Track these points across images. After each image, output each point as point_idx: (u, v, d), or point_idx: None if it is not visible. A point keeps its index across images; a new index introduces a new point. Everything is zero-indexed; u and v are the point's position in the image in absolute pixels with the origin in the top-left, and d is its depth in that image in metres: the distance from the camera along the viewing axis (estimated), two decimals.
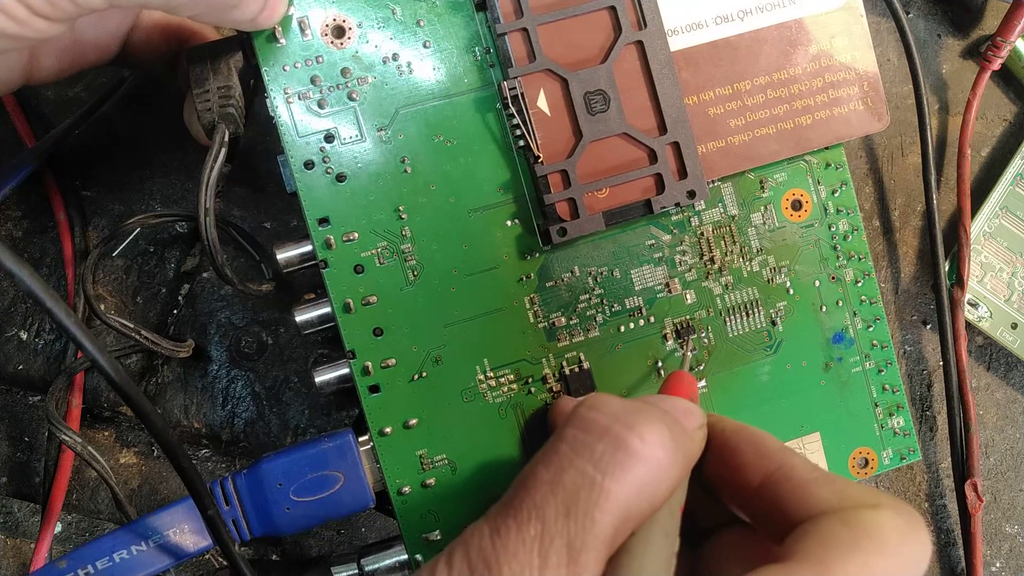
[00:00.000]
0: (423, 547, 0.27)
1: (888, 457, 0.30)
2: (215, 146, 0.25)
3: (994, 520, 0.35)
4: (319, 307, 0.27)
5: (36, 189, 0.31)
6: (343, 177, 0.26)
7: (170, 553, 0.25)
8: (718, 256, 0.28)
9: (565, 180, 0.26)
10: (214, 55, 0.26)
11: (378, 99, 0.26)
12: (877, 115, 0.29)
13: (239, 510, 0.26)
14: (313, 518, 0.26)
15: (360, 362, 0.26)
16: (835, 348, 0.29)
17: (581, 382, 0.27)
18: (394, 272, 0.26)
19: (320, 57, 0.26)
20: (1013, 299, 0.33)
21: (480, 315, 0.27)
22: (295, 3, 0.26)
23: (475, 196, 0.27)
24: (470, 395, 0.27)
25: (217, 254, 0.25)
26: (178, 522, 0.25)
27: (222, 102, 0.25)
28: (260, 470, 0.26)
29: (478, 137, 0.27)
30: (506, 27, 0.26)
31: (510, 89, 0.26)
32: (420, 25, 0.26)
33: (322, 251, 0.26)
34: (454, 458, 0.27)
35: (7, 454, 0.32)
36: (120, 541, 0.24)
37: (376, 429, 0.26)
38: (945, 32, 0.35)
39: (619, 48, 0.26)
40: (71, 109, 0.31)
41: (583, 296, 0.28)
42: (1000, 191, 0.33)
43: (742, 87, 0.28)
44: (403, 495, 0.27)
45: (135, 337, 0.27)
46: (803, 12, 0.28)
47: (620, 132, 0.27)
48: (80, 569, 0.23)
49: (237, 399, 0.32)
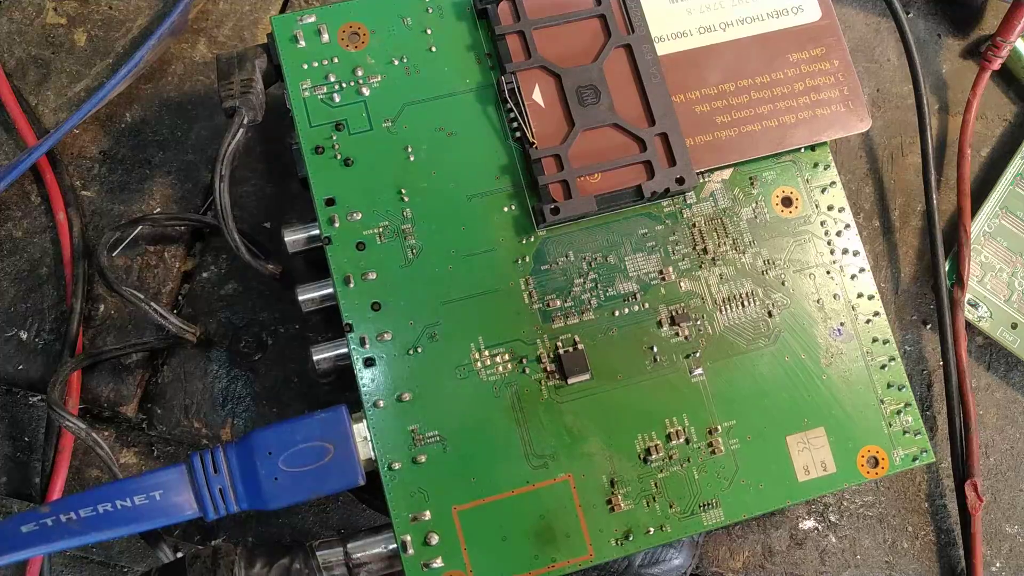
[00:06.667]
0: (411, 527, 0.26)
1: (899, 457, 0.29)
2: (234, 125, 0.27)
3: (994, 520, 0.33)
4: (322, 287, 0.28)
5: (36, 189, 0.33)
6: (350, 161, 0.28)
7: (155, 514, 0.25)
8: (711, 247, 0.29)
9: (558, 164, 0.28)
10: (240, 57, 0.29)
11: (387, 95, 0.29)
12: (859, 117, 0.30)
13: (227, 479, 0.26)
14: (301, 491, 0.26)
15: (357, 334, 0.27)
16: (835, 342, 0.29)
17: (575, 362, 0.27)
18: (394, 250, 0.28)
19: (335, 57, 0.29)
20: (1013, 299, 0.32)
21: (476, 295, 0.28)
22: (317, 11, 0.29)
23: (474, 183, 0.28)
24: (464, 372, 0.27)
25: (228, 219, 0.26)
26: (167, 485, 0.25)
27: (243, 90, 0.28)
28: (251, 439, 0.26)
29: (478, 129, 0.29)
30: (504, 29, 0.28)
31: (507, 83, 0.28)
32: (427, 32, 0.29)
33: (327, 228, 0.27)
34: (446, 435, 0.27)
35: (7, 454, 0.32)
36: (106, 494, 0.24)
37: (370, 402, 0.27)
38: (945, 32, 0.36)
39: (609, 50, 0.29)
40: (71, 109, 0.33)
41: (577, 280, 0.28)
42: (1000, 191, 0.34)
43: (727, 88, 0.29)
44: (393, 471, 0.26)
45: (145, 307, 0.28)
46: (782, 25, 0.30)
47: (611, 123, 0.28)
48: (63, 515, 0.23)
49: (237, 399, 0.32)
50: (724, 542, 0.32)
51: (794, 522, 0.33)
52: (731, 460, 0.28)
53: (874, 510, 0.33)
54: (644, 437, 0.27)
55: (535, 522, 0.26)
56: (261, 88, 0.29)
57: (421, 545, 0.26)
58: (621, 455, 0.27)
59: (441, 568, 0.26)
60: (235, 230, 0.27)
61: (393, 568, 0.27)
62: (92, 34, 0.35)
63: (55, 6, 0.35)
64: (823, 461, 0.28)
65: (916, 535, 0.33)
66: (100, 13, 0.35)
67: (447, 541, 0.26)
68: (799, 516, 0.33)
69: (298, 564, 0.26)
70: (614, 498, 0.27)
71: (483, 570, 0.26)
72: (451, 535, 0.26)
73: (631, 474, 0.27)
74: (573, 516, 0.27)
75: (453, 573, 0.26)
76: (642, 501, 0.27)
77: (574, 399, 0.27)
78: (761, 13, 0.30)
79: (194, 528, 0.32)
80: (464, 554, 0.26)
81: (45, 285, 0.33)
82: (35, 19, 0.35)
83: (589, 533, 0.27)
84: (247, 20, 0.35)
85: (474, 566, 0.26)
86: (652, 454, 0.27)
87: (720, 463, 0.28)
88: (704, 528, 0.27)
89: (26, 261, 0.33)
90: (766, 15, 0.30)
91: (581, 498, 0.27)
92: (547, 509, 0.27)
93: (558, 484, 0.27)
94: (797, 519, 0.33)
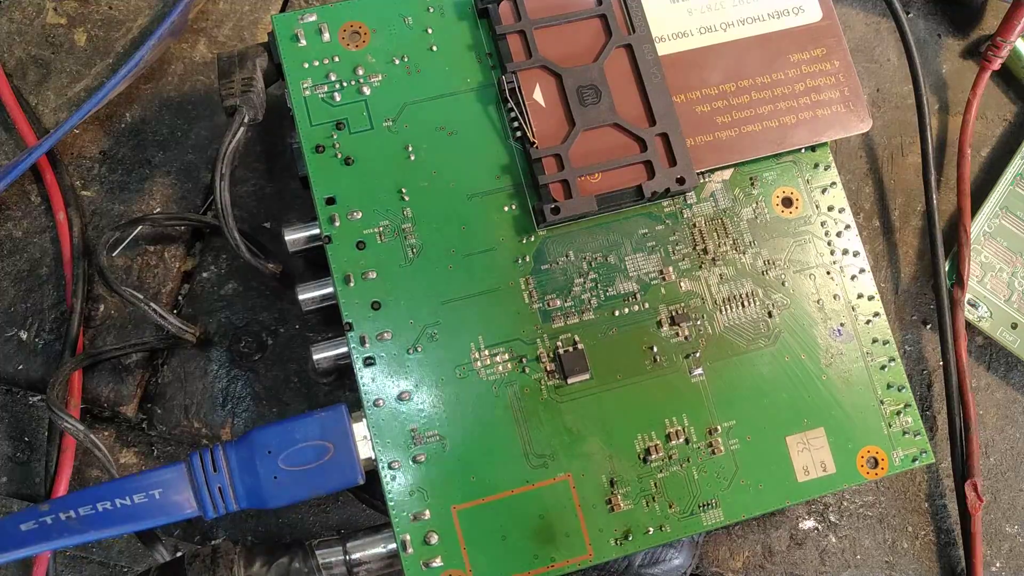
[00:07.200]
0: (411, 527, 0.26)
1: (899, 458, 0.29)
2: (235, 124, 0.27)
3: (994, 520, 0.33)
4: (322, 286, 0.28)
5: (36, 189, 0.33)
6: (351, 161, 0.28)
7: (154, 512, 0.25)
8: (711, 247, 0.29)
9: (559, 163, 0.28)
10: (241, 55, 0.29)
11: (387, 94, 0.28)
12: (859, 117, 0.30)
13: (226, 477, 0.26)
14: (301, 490, 0.26)
15: (357, 333, 0.27)
16: (834, 343, 0.29)
17: (575, 362, 0.27)
18: (394, 249, 0.28)
19: (336, 56, 0.29)
20: (1013, 299, 0.32)
21: (476, 294, 0.28)
22: (318, 10, 0.29)
23: (474, 182, 0.28)
24: (464, 371, 0.27)
25: (228, 218, 0.26)
26: (166, 484, 0.25)
27: (244, 88, 0.28)
28: (251, 438, 0.26)
29: (479, 129, 0.29)
30: (505, 29, 0.28)
31: (508, 83, 0.28)
32: (428, 32, 0.29)
33: (327, 227, 0.27)
34: (446, 435, 0.27)
35: (7, 454, 0.32)
36: (106, 492, 0.24)
37: (370, 401, 0.27)
38: (945, 32, 0.36)
39: (610, 50, 0.29)
40: (71, 109, 0.33)
41: (577, 280, 0.28)
42: (1000, 191, 0.34)
43: (727, 88, 0.29)
44: (393, 470, 0.26)
45: (144, 308, 0.28)
46: (783, 25, 0.30)
47: (611, 123, 0.28)
48: (62, 513, 0.23)
49: (237, 399, 0.32)
50: (724, 542, 0.32)
51: (794, 522, 0.33)
52: (731, 460, 0.28)
53: (874, 510, 0.33)
54: (644, 437, 0.27)
55: (535, 522, 0.26)
56: (262, 87, 0.29)
57: (420, 544, 0.26)
58: (621, 455, 0.27)
59: (440, 567, 0.26)
60: (235, 229, 0.27)
61: (392, 568, 0.27)
62: (92, 34, 0.35)
63: (55, 6, 0.35)
64: (823, 461, 0.28)
65: (916, 535, 0.33)
66: (100, 13, 0.35)
67: (446, 540, 0.26)
68: (799, 516, 0.33)
69: (297, 563, 0.26)
70: (614, 498, 0.27)
71: (482, 570, 0.26)
72: (450, 535, 0.26)
73: (631, 474, 0.27)
74: (573, 516, 0.27)
75: (452, 572, 0.26)
76: (642, 501, 0.27)
77: (574, 399, 0.27)
78: (762, 13, 0.30)
79: (194, 527, 0.32)
80: (464, 554, 0.26)
81: (45, 285, 0.33)
82: (35, 19, 0.35)
83: (589, 533, 0.27)
84: (247, 20, 0.35)
85: (473, 566, 0.26)
86: (652, 454, 0.27)
87: (720, 463, 0.28)
88: (704, 528, 0.27)
89: (26, 261, 0.33)
90: (767, 15, 0.30)
91: (581, 498, 0.27)
92: (547, 509, 0.27)
93: (558, 484, 0.27)
94: (797, 519, 0.33)
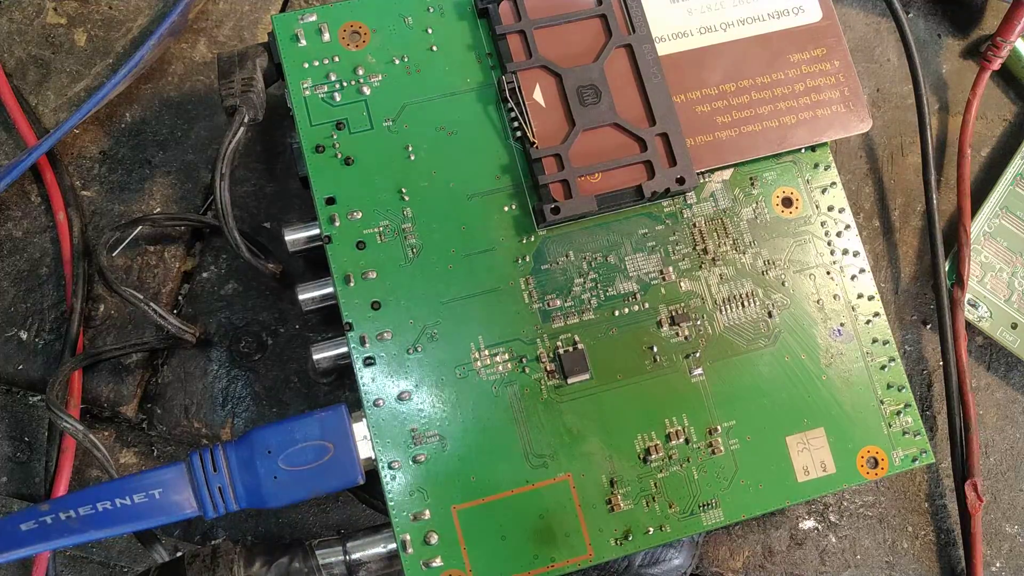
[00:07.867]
0: (411, 527, 0.26)
1: (899, 458, 0.29)
2: (235, 124, 0.27)
3: (994, 520, 0.33)
4: (322, 286, 0.28)
5: (36, 189, 0.33)
6: (351, 161, 0.28)
7: (154, 512, 0.25)
8: (711, 247, 0.29)
9: (559, 163, 0.28)
10: (241, 55, 0.29)
11: (387, 94, 0.28)
12: (859, 117, 0.30)
13: (226, 478, 0.26)
14: (301, 490, 0.26)
15: (357, 333, 0.27)
16: (835, 343, 0.29)
17: (575, 362, 0.27)
18: (394, 249, 0.28)
19: (336, 56, 0.29)
20: (1013, 299, 0.32)
21: (476, 294, 0.28)
22: (318, 10, 0.29)
23: (474, 182, 0.28)
24: (464, 371, 0.27)
25: (228, 218, 0.26)
26: (166, 484, 0.25)
27: (244, 88, 0.28)
28: (251, 438, 0.26)
29: (479, 129, 0.29)
30: (505, 29, 0.28)
31: (508, 83, 0.28)
32: (428, 32, 0.29)
33: (327, 227, 0.27)
34: (445, 434, 0.27)
35: (7, 454, 0.32)
36: (106, 492, 0.24)
37: (370, 401, 0.27)
38: (945, 32, 0.36)
39: (610, 50, 0.29)
40: (71, 109, 0.33)
41: (577, 280, 0.28)
42: (1000, 191, 0.34)
43: (727, 88, 0.29)
44: (393, 470, 0.26)
45: (144, 308, 0.28)
46: (783, 25, 0.30)
47: (611, 123, 0.28)
48: (62, 513, 0.23)
49: (237, 399, 0.32)
50: (724, 542, 0.32)
51: (794, 522, 0.33)
52: (731, 460, 0.28)
53: (874, 510, 0.33)
54: (644, 437, 0.27)
55: (535, 522, 0.26)
56: (262, 87, 0.29)
57: (420, 544, 0.26)
58: (621, 455, 0.27)
59: (440, 567, 0.26)
60: (235, 229, 0.27)
61: (392, 567, 0.27)
62: (92, 34, 0.35)
63: (55, 6, 0.35)
64: (823, 461, 0.28)
65: (916, 535, 0.33)
66: (100, 13, 0.35)
67: (446, 540, 0.26)
68: (799, 516, 0.33)
69: (297, 563, 0.26)
70: (614, 498, 0.27)
71: (482, 569, 0.26)
72: (450, 534, 0.26)
73: (631, 474, 0.27)
74: (573, 516, 0.27)
75: (452, 572, 0.26)
76: (642, 501, 0.27)
77: (574, 399, 0.27)
78: (762, 13, 0.30)
79: (194, 527, 0.32)
80: (464, 553, 0.26)
81: (45, 285, 0.33)
82: (35, 19, 0.35)
83: (589, 533, 0.27)
84: (247, 20, 0.35)
85: (473, 565, 0.26)
86: (652, 454, 0.27)
87: (720, 463, 0.28)
88: (704, 528, 0.27)
89: (26, 261, 0.33)
90: (767, 15, 0.30)
91: (581, 498, 0.27)
92: (547, 509, 0.27)
93: (558, 484, 0.27)
94: (797, 519, 0.33)
